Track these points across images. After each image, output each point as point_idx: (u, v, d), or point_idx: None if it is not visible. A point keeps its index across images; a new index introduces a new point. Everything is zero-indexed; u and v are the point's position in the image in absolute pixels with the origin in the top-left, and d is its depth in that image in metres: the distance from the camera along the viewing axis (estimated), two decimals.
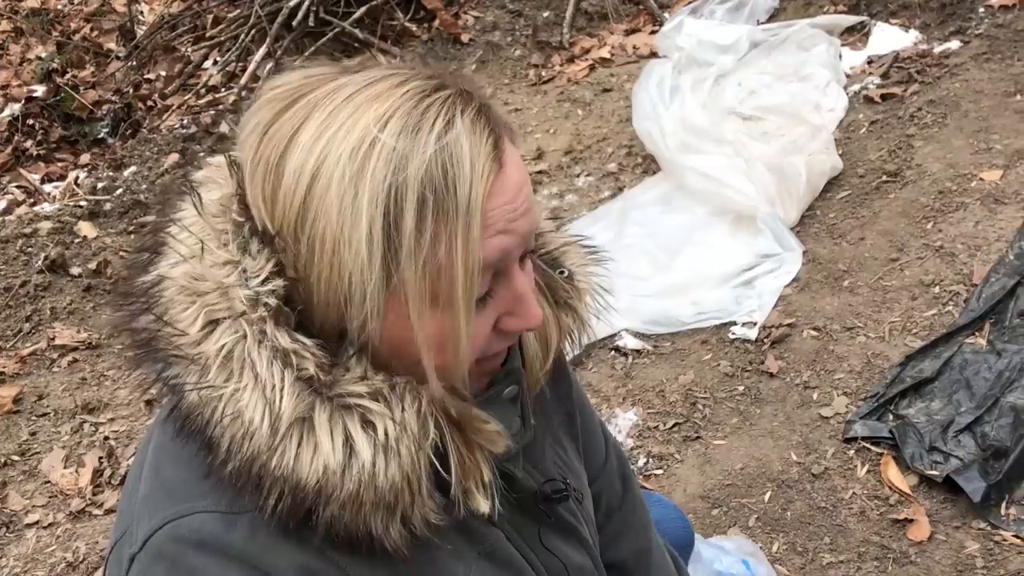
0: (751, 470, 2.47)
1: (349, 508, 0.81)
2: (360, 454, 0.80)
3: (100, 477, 2.93)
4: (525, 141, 4.30)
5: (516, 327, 0.88)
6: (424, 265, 0.79)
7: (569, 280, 1.06)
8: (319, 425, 0.80)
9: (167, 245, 0.86)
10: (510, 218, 0.83)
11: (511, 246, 0.84)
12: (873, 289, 2.95)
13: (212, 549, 0.82)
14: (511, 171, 0.83)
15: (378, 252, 0.78)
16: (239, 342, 0.80)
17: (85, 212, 4.28)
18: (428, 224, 0.78)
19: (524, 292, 0.87)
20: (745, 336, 2.91)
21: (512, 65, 4.93)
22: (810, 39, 4.17)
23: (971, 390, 2.50)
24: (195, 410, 0.81)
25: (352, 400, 0.82)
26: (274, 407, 0.79)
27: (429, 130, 0.78)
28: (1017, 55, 3.80)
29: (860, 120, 3.77)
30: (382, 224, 0.77)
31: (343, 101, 0.80)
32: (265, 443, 0.79)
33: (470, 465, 0.89)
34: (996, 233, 2.98)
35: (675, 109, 3.86)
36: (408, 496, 0.83)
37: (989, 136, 3.41)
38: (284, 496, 0.80)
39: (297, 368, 0.81)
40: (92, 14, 6.14)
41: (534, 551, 1.03)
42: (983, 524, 2.17)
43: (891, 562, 2.15)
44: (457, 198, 0.78)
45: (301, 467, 0.79)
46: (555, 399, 1.18)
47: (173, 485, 0.87)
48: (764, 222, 3.22)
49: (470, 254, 0.79)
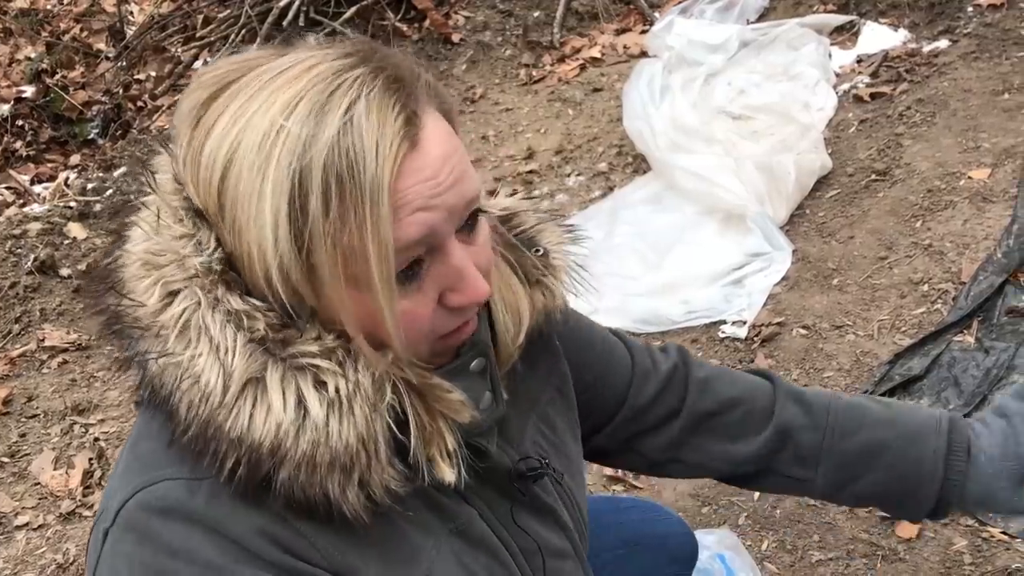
0: None
1: (304, 470, 0.81)
2: (312, 413, 0.81)
3: (90, 478, 2.93)
4: (515, 141, 4.30)
5: (460, 302, 0.87)
6: (335, 248, 0.79)
7: (544, 258, 1.06)
8: (271, 385, 0.81)
9: (133, 226, 0.89)
10: (431, 194, 0.82)
11: (436, 222, 0.83)
12: (862, 287, 2.96)
13: (177, 515, 0.83)
14: (430, 147, 0.83)
15: (286, 238, 0.79)
16: (195, 310, 0.83)
17: (75, 213, 4.27)
18: (334, 208, 0.78)
19: (462, 266, 0.86)
20: (735, 335, 2.91)
21: (503, 65, 4.93)
22: (799, 38, 4.18)
23: (959, 388, 2.51)
24: (157, 379, 0.83)
25: (305, 360, 0.83)
26: (227, 368, 0.81)
27: (333, 112, 0.79)
28: (1005, 54, 3.82)
29: (849, 119, 3.78)
30: (287, 211, 0.79)
31: (260, 88, 0.82)
32: (219, 405, 0.81)
33: (432, 432, 0.89)
34: (984, 231, 2.99)
35: (665, 108, 3.87)
36: (365, 459, 0.83)
37: (978, 135, 3.43)
38: (240, 460, 0.81)
39: (249, 330, 0.82)
40: (82, 14, 6.12)
41: (508, 530, 1.02)
42: (971, 521, 2.18)
43: (880, 559, 2.16)
44: (362, 180, 0.78)
45: (255, 428, 0.81)
46: (543, 376, 1.16)
47: (144, 456, 0.89)
48: (754, 221, 3.23)
49: (380, 235, 0.79)
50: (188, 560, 0.82)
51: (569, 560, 1.10)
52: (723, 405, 1.24)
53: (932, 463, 1.17)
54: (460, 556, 0.96)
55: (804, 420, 1.22)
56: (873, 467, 1.20)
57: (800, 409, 1.23)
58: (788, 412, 1.22)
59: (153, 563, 0.83)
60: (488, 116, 4.56)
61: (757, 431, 1.22)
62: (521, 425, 1.09)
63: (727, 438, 1.23)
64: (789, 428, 1.21)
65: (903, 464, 1.18)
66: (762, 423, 1.22)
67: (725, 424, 1.24)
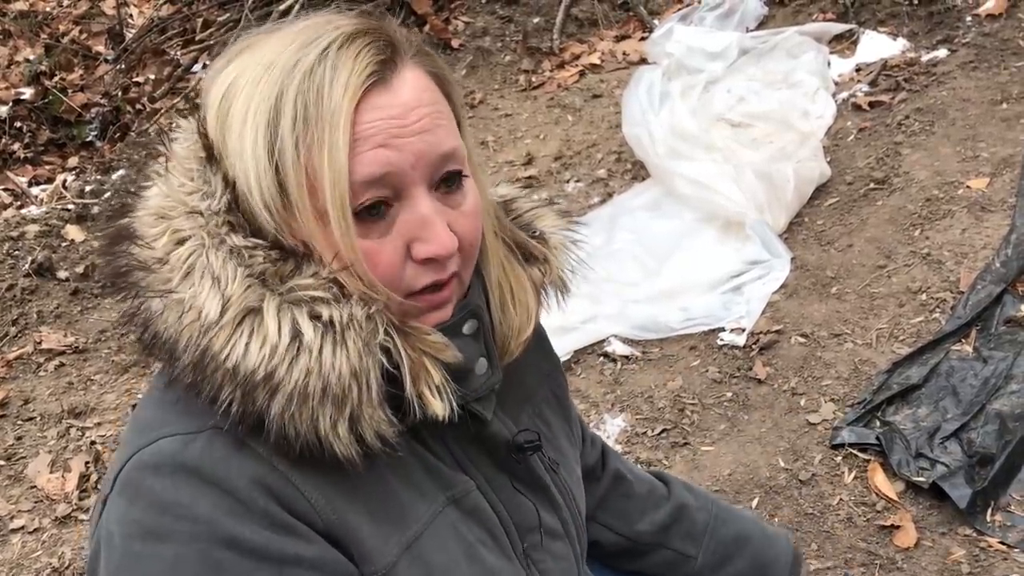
0: (739, 476, 2.47)
1: (296, 401, 0.83)
2: (306, 340, 0.84)
3: (86, 482, 2.92)
4: (515, 146, 4.30)
5: (425, 252, 0.89)
6: (303, 174, 0.85)
7: (541, 239, 1.10)
8: (268, 315, 0.84)
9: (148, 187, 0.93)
10: (394, 134, 0.86)
11: (397, 162, 0.86)
12: (861, 296, 2.96)
13: (168, 469, 0.85)
14: (401, 90, 0.88)
15: (264, 161, 0.85)
16: (200, 252, 0.86)
17: (73, 215, 4.26)
18: (300, 131, 0.84)
19: (428, 215, 0.89)
20: (733, 342, 2.91)
21: (502, 70, 4.93)
22: (799, 46, 4.19)
23: (957, 397, 2.51)
24: (160, 318, 0.86)
25: (301, 293, 0.86)
26: (226, 298, 0.84)
27: (315, 47, 0.86)
28: (1003, 63, 3.83)
29: (848, 127, 3.79)
30: (265, 133, 0.85)
31: (267, 39, 0.91)
32: (216, 334, 0.83)
33: (418, 367, 0.90)
34: (983, 240, 3.00)
35: (664, 115, 3.87)
36: (356, 393, 0.85)
37: (976, 144, 3.43)
38: (235, 393, 0.83)
39: (249, 265, 0.86)
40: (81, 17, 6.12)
41: (505, 504, 1.04)
42: (969, 530, 2.18)
43: (878, 568, 2.16)
44: (325, 106, 0.84)
45: (250, 357, 0.83)
46: (540, 377, 1.19)
47: (143, 421, 0.91)
48: (753, 229, 3.23)
49: (336, 162, 0.84)
50: (177, 515, 0.83)
51: (560, 540, 1.12)
52: (635, 477, 1.43)
53: (784, 565, 1.42)
54: (456, 525, 0.98)
55: (696, 503, 1.43)
56: (742, 554, 1.41)
57: (691, 494, 1.44)
58: (683, 495, 1.43)
59: (143, 520, 0.84)
60: (487, 122, 4.56)
61: (658, 505, 1.41)
62: (517, 411, 1.12)
63: (638, 507, 1.40)
64: (685, 506, 1.41)
65: (763, 557, 1.42)
66: (663, 500, 1.42)
67: (638, 494, 1.41)
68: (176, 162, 0.92)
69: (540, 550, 1.08)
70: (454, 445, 1.01)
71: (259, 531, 0.84)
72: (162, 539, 0.83)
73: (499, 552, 1.02)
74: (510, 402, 1.10)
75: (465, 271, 0.96)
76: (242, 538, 0.83)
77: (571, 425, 1.26)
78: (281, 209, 0.87)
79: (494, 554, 1.01)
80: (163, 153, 0.94)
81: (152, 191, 0.92)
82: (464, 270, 0.95)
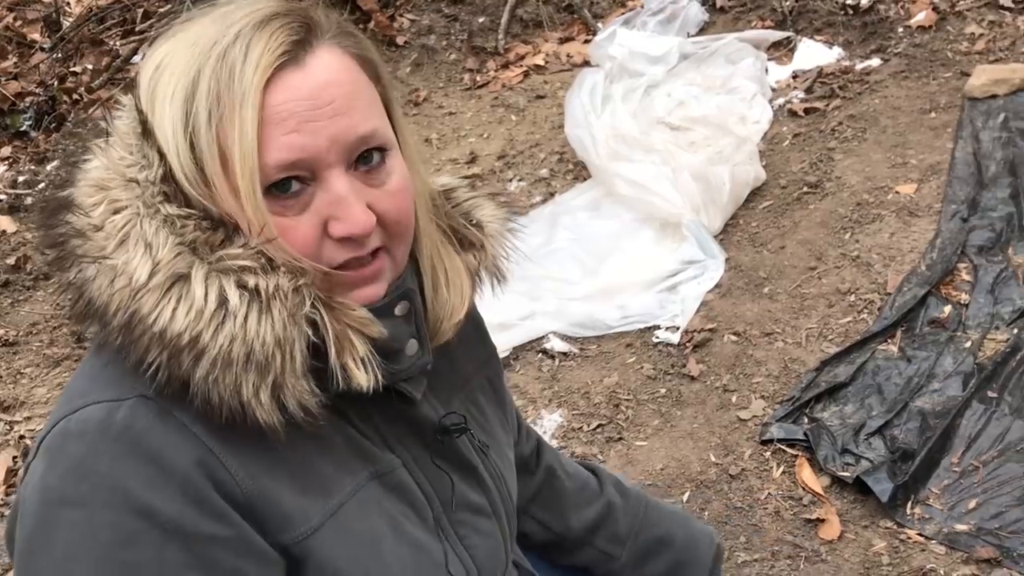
0: (671, 471, 2.52)
1: (220, 366, 0.85)
2: (232, 307, 0.86)
3: (13, 477, 2.86)
4: (458, 144, 4.32)
5: (341, 231, 0.91)
6: (218, 151, 0.87)
7: (478, 227, 1.12)
8: (196, 281, 0.86)
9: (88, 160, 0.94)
10: (307, 117, 0.88)
11: (310, 147, 0.88)
12: (792, 296, 3.04)
13: (92, 435, 0.86)
14: (315, 71, 0.90)
15: (182, 137, 0.88)
16: (135, 222, 0.88)
17: (5, 206, 4.17)
18: (214, 109, 0.87)
19: (343, 195, 0.91)
20: (668, 340, 2.97)
21: (447, 69, 4.94)
22: (738, 53, 4.27)
23: (882, 395, 2.59)
24: (93, 284, 0.87)
25: (230, 263, 0.87)
26: (155, 262, 0.86)
27: (233, 27, 0.89)
28: (933, 74, 3.95)
29: (784, 133, 3.88)
30: (182, 109, 0.88)
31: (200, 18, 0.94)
32: (145, 297, 0.85)
33: (343, 339, 0.92)
34: (910, 244, 3.09)
35: (606, 117, 3.92)
36: (280, 362, 0.87)
37: (905, 151, 3.54)
38: (161, 356, 0.85)
39: (180, 233, 0.87)
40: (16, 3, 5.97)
41: (430, 482, 1.06)
42: (890, 523, 2.25)
43: (803, 560, 2.22)
44: (237, 84, 0.87)
45: (176, 321, 0.85)
46: (475, 363, 1.21)
47: (74, 390, 0.92)
48: (689, 229, 3.29)
49: (244, 139, 0.86)
50: (94, 483, 0.84)
51: (485, 518, 1.13)
52: (567, 474, 1.44)
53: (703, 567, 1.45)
54: (380, 499, 1.00)
55: (625, 504, 1.44)
56: (663, 556, 1.44)
57: (621, 494, 1.45)
58: (613, 494, 1.44)
59: (60, 486, 0.85)
60: (431, 119, 4.57)
61: (588, 503, 1.43)
62: (449, 395, 1.14)
63: (569, 505, 1.42)
64: (614, 506, 1.43)
65: (683, 557, 1.44)
66: (594, 497, 1.43)
67: (569, 491, 1.42)
68: (117, 137, 0.94)
69: (465, 526, 1.10)
70: (381, 424, 1.03)
71: (175, 504, 0.84)
72: (76, 505, 0.84)
73: (423, 526, 1.04)
74: (444, 386, 1.12)
75: (397, 249, 0.97)
76: (156, 509, 0.84)
77: (505, 412, 1.28)
78: (201, 184, 0.89)
79: (418, 528, 1.03)
80: (105, 129, 0.95)
81: (92, 164, 0.93)
82: (396, 248, 0.97)
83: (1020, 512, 2.20)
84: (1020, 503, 2.22)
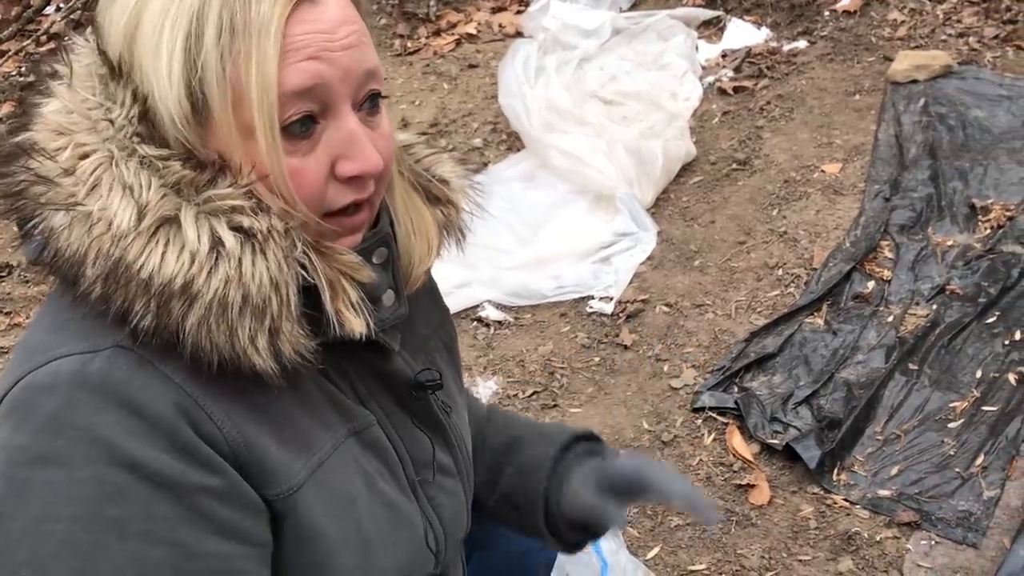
0: (605, 437, 2.52)
1: (215, 311, 0.80)
2: (228, 247, 0.81)
3: None
4: (390, 111, 4.21)
5: (351, 170, 0.88)
6: (230, 87, 0.82)
7: (444, 183, 1.10)
8: (186, 223, 0.81)
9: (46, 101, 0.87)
10: (324, 47, 0.85)
11: (327, 75, 0.85)
12: (721, 270, 3.10)
13: (65, 388, 0.79)
14: (329, 6, 0.86)
15: (180, 73, 0.82)
16: (108, 166, 0.82)
17: None
18: (226, 41, 0.81)
19: (355, 131, 0.88)
20: (602, 310, 3.00)
21: (377, 34, 4.84)
22: (669, 29, 4.32)
23: (809, 366, 2.67)
24: (63, 233, 0.81)
25: (219, 203, 0.83)
26: (141, 205, 0.81)
27: None
28: (857, 57, 4.06)
29: (713, 110, 3.94)
30: (184, 46, 0.81)
31: None
32: (131, 243, 0.80)
33: (336, 285, 0.90)
34: (835, 222, 3.18)
35: (540, 89, 3.92)
36: (276, 304, 0.83)
37: (831, 131, 3.64)
38: (150, 305, 0.80)
39: (163, 175, 0.83)
40: None
41: (403, 439, 1.05)
42: (817, 489, 2.33)
43: (734, 524, 2.27)
44: (255, 16, 0.81)
45: (167, 265, 0.80)
46: (429, 325, 1.20)
47: (34, 346, 0.85)
48: (622, 202, 3.32)
49: (265, 73, 0.81)
50: (72, 438, 0.78)
51: (452, 478, 1.13)
52: None
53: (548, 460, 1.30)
54: (357, 457, 0.98)
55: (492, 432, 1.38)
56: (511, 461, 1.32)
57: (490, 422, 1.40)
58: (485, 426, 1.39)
59: (31, 445, 0.79)
60: None
61: None
62: (412, 356, 1.12)
63: None
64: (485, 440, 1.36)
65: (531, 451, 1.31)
66: None
67: None
68: (76, 81, 0.88)
69: (433, 486, 1.09)
70: (357, 380, 1.01)
71: (162, 456, 0.80)
72: (52, 463, 0.78)
73: (395, 485, 1.03)
74: (407, 347, 1.10)
75: (377, 196, 0.95)
76: (143, 462, 0.79)
77: (459, 375, 1.28)
78: (198, 125, 0.84)
79: (391, 487, 1.02)
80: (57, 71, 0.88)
81: (50, 107, 0.86)
82: (376, 195, 0.95)
83: (938, 478, 2.30)
84: (938, 470, 2.32)
